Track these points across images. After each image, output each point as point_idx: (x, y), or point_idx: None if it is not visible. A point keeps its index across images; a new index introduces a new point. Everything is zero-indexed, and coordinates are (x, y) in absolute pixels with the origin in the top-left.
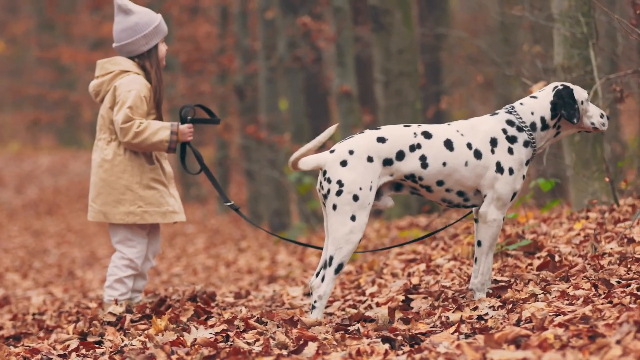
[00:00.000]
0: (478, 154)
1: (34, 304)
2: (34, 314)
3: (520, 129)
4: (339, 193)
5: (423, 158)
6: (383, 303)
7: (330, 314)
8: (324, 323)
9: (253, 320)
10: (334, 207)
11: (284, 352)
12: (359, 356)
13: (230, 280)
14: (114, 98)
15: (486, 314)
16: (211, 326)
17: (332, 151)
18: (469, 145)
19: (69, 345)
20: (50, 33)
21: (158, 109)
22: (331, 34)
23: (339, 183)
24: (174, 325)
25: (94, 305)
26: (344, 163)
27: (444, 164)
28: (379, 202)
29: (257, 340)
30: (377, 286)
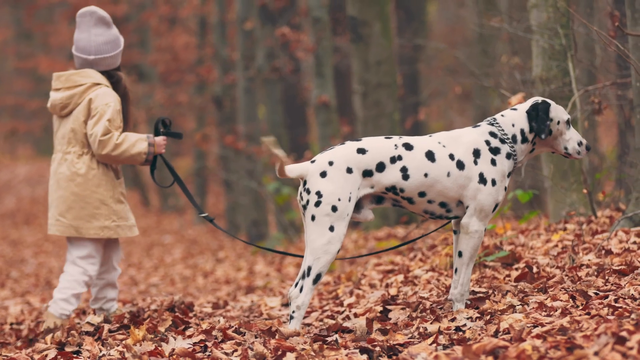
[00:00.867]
0: (461, 165)
1: (12, 314)
2: (11, 324)
3: (502, 141)
4: (317, 204)
5: (404, 169)
6: (361, 314)
7: (308, 325)
8: (302, 334)
9: (231, 331)
10: (313, 218)
11: None
12: None
13: (208, 291)
14: (88, 111)
15: (464, 325)
16: (189, 336)
17: (313, 161)
18: (451, 156)
19: (47, 355)
20: (28, 43)
21: (126, 122)
22: (310, 44)
23: (318, 194)
24: (152, 336)
25: (71, 314)
26: (323, 174)
27: (426, 175)
28: (359, 215)
29: (235, 350)
30: (355, 297)
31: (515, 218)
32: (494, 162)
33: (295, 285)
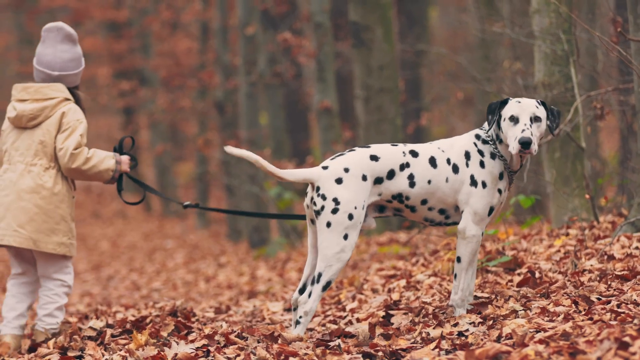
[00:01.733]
0: (456, 169)
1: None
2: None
3: (485, 142)
4: (334, 211)
5: (411, 177)
6: (364, 319)
7: (310, 330)
8: (305, 339)
9: (234, 336)
10: (328, 225)
11: None
12: None
13: (210, 296)
14: (59, 125)
15: (467, 330)
16: (192, 341)
17: (325, 167)
18: (448, 161)
19: None
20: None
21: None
22: (312, 49)
23: (335, 201)
24: (155, 340)
25: (74, 319)
26: (339, 180)
27: (429, 181)
28: (364, 223)
29: (238, 355)
30: (358, 302)
31: (517, 223)
32: (482, 164)
33: (300, 291)
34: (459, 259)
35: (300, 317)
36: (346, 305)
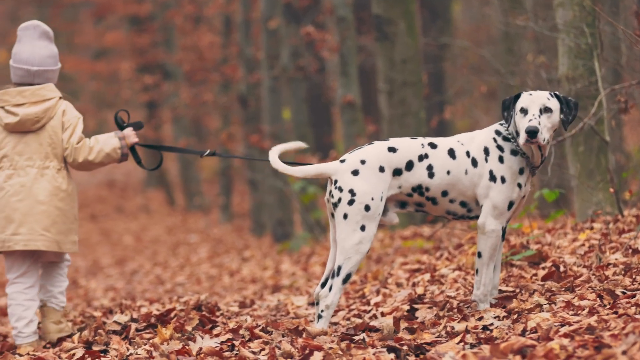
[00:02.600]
0: (475, 162)
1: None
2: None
3: (506, 139)
4: (350, 202)
5: (430, 167)
6: (388, 313)
7: (335, 324)
8: (329, 333)
9: (258, 330)
10: (345, 217)
11: None
12: None
13: (235, 290)
14: (62, 123)
15: (491, 324)
16: (216, 335)
17: (343, 161)
18: (468, 154)
19: (74, 354)
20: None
21: None
22: (335, 43)
23: (351, 192)
24: (179, 335)
25: (98, 314)
26: (355, 172)
27: (448, 172)
28: (385, 218)
29: (263, 349)
30: (382, 296)
31: (541, 217)
32: (501, 160)
33: (322, 285)
34: (479, 254)
35: (322, 311)
36: (370, 299)
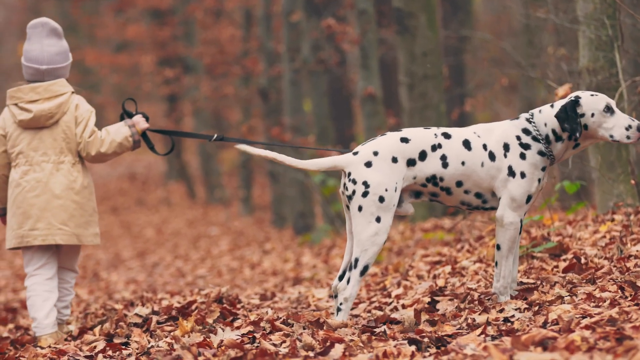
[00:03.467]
0: (492, 156)
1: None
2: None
3: (535, 139)
4: (364, 194)
5: (444, 157)
6: (409, 305)
7: (356, 316)
8: (350, 325)
9: (279, 322)
10: (360, 209)
11: (311, 354)
12: (385, 358)
13: (255, 282)
14: (75, 118)
15: (512, 316)
16: (237, 328)
17: (356, 153)
18: (484, 147)
19: (95, 347)
20: (75, 35)
21: None
22: (355, 36)
23: (365, 184)
24: (200, 327)
25: (119, 306)
26: (368, 164)
27: (463, 163)
28: (400, 209)
29: (284, 341)
30: (403, 288)
31: (562, 209)
32: (523, 156)
33: (340, 278)
34: (498, 247)
35: (340, 304)
36: (391, 291)
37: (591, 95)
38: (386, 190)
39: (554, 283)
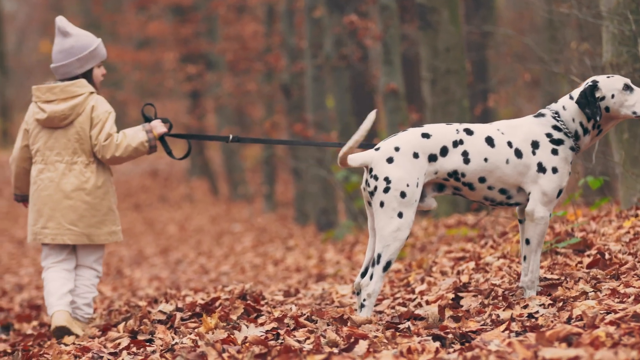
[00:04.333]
0: (519, 153)
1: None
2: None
3: (567, 135)
4: (386, 190)
5: (465, 153)
6: (433, 301)
7: (380, 312)
8: (374, 321)
9: (303, 319)
10: (381, 205)
11: (335, 350)
12: (410, 354)
13: (279, 279)
14: (90, 119)
15: (537, 312)
16: (261, 324)
17: (378, 149)
18: (510, 144)
19: (119, 344)
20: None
21: None
22: (378, 32)
23: (386, 180)
24: (224, 324)
25: (143, 303)
26: (390, 160)
27: (486, 159)
28: (423, 204)
29: (308, 338)
30: (427, 284)
31: (586, 205)
32: (555, 152)
33: (362, 274)
34: (527, 241)
35: (364, 300)
36: (415, 287)
37: (607, 77)
38: (408, 185)
39: (578, 279)
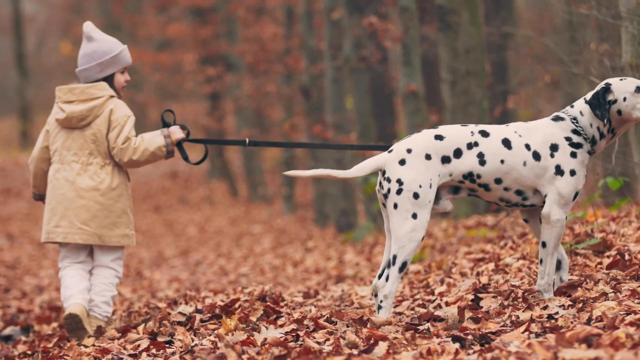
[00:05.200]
0: (537, 156)
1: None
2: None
3: (585, 139)
4: (399, 192)
5: (481, 155)
6: (452, 302)
7: (399, 314)
8: (393, 322)
9: (323, 320)
10: (395, 206)
11: (355, 352)
12: (429, 355)
13: (298, 280)
14: (108, 123)
15: (556, 313)
16: (281, 326)
17: (391, 151)
18: (527, 146)
19: (139, 345)
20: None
21: None
22: (397, 33)
23: (399, 182)
24: (244, 325)
25: (163, 305)
26: (402, 162)
27: (502, 161)
28: (438, 206)
29: (327, 339)
30: (446, 285)
31: (605, 205)
32: (574, 155)
33: (379, 277)
34: (543, 244)
35: (381, 302)
36: (435, 289)
37: (620, 79)
38: (420, 186)
39: (598, 280)
